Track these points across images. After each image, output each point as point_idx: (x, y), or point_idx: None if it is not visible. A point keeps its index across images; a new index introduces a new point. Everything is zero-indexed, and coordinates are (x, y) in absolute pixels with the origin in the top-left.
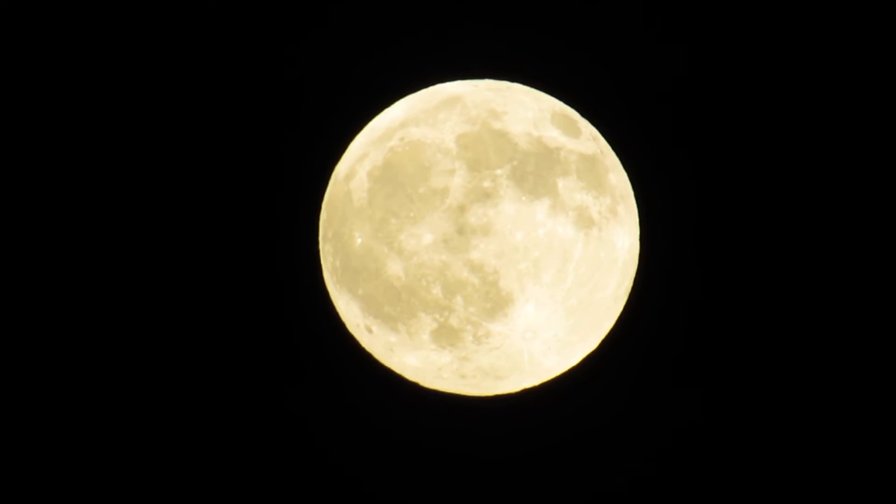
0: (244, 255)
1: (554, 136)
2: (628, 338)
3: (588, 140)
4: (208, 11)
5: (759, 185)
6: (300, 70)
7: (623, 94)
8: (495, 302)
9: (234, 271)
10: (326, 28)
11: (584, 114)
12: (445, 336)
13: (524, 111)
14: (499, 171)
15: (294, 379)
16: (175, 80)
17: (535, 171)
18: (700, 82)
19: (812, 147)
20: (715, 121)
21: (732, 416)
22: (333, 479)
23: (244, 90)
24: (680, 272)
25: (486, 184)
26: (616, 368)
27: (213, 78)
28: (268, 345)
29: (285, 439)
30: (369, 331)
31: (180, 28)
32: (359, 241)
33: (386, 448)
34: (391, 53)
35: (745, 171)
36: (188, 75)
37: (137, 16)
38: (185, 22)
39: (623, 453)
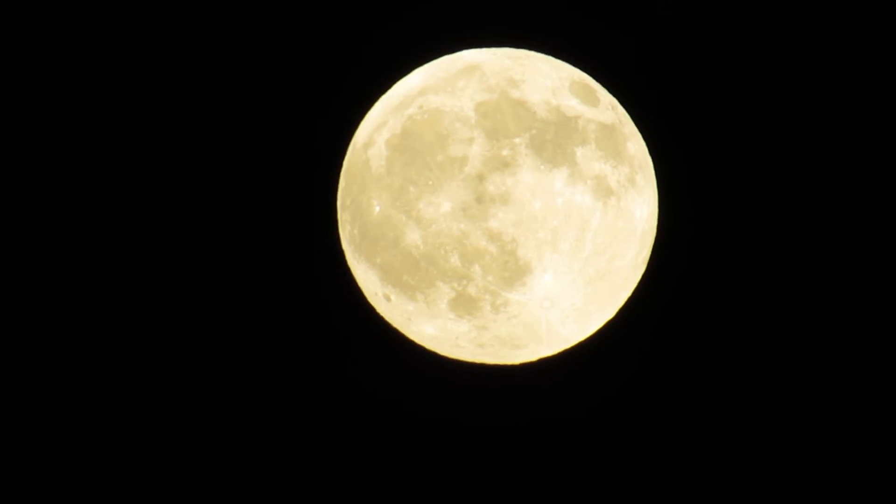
0: (263, 224)
1: (572, 104)
2: (646, 307)
3: (607, 109)
4: None
5: (778, 156)
6: (319, 39)
7: (642, 64)
8: (513, 271)
9: (253, 240)
10: None
11: (602, 83)
12: (463, 305)
13: (543, 80)
14: (517, 140)
15: (312, 347)
16: (193, 53)
17: (554, 139)
18: (720, 52)
19: (833, 118)
20: (734, 91)
21: (749, 385)
22: (350, 446)
23: (262, 60)
24: (698, 241)
25: (505, 152)
26: (634, 337)
27: (232, 49)
28: (286, 313)
29: (303, 407)
30: (387, 299)
31: (194, 7)
32: (377, 209)
33: (403, 416)
34: (409, 22)
35: (764, 141)
36: (206, 48)
37: None
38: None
39: (640, 420)
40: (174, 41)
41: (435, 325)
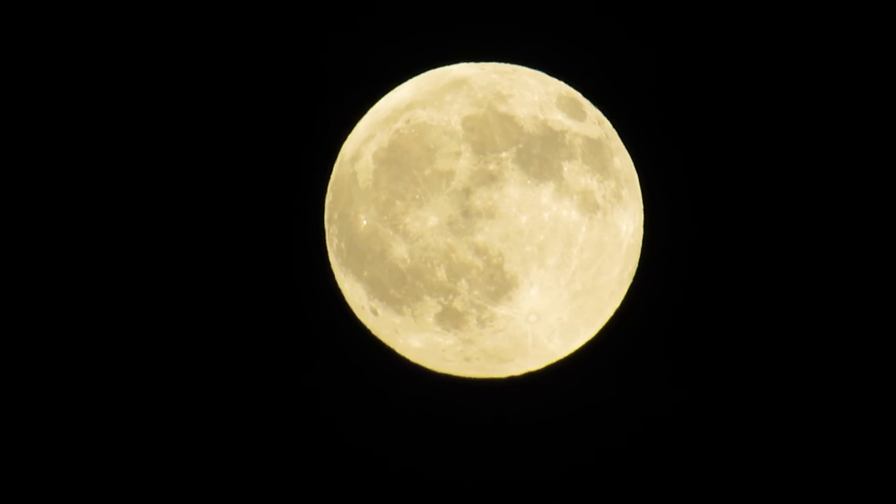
0: (250, 236)
1: (559, 119)
2: (632, 322)
3: (593, 124)
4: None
5: (765, 174)
6: (306, 53)
7: (629, 79)
8: (500, 285)
9: (240, 253)
10: (332, 10)
11: (590, 98)
12: (450, 319)
13: (530, 94)
14: (504, 154)
15: (299, 360)
16: (177, 67)
17: (541, 154)
18: (708, 70)
19: (816, 134)
20: (722, 108)
21: (732, 402)
22: (337, 459)
23: (249, 75)
24: (683, 257)
25: (492, 166)
26: (620, 352)
27: (217, 64)
28: (273, 326)
29: (289, 420)
30: (374, 313)
31: (182, 18)
32: (364, 223)
33: (389, 429)
34: (398, 35)
35: (751, 159)
36: (192, 62)
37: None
38: (187, 12)
39: (626, 434)
40: (158, 63)
41: (421, 339)
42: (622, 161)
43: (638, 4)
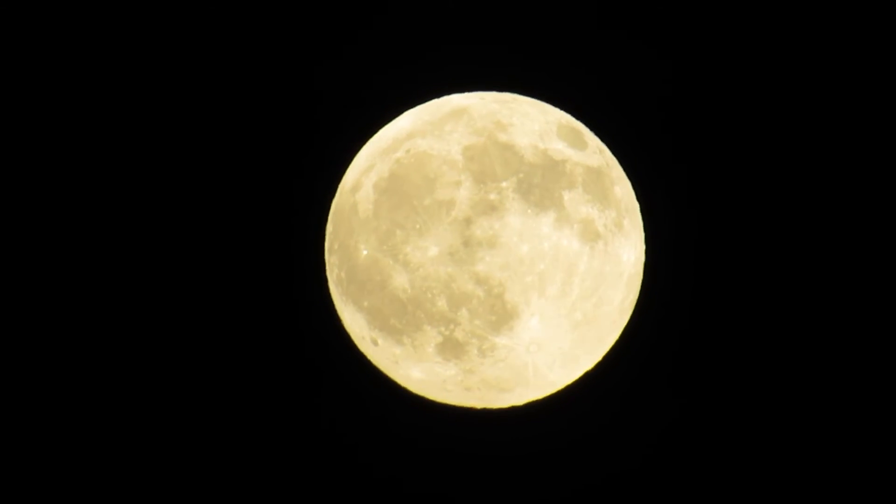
0: (250, 265)
1: (560, 148)
2: (633, 351)
3: (594, 153)
4: (217, 19)
5: (765, 202)
6: (305, 81)
7: (630, 108)
8: (500, 315)
9: (240, 282)
10: (332, 39)
11: (590, 126)
12: (451, 349)
13: (530, 123)
14: (504, 184)
15: (299, 390)
16: (182, 93)
17: (541, 183)
18: (708, 99)
19: (816, 165)
20: (722, 136)
21: (734, 429)
22: (338, 489)
23: (249, 106)
24: (685, 286)
25: (492, 196)
26: (621, 382)
27: (217, 95)
28: (273, 355)
29: (289, 450)
30: (375, 343)
31: (185, 44)
32: (364, 252)
33: (390, 459)
34: (398, 65)
35: (751, 187)
36: (196, 88)
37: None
38: (190, 33)
39: (627, 463)
40: (161, 93)
41: (422, 369)
42: (623, 190)
43: (637, 34)
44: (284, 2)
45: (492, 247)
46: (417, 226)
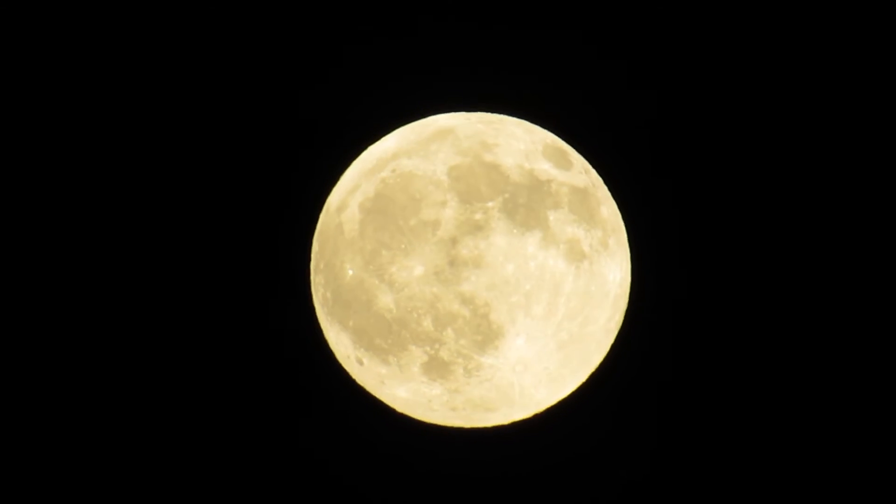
0: (236, 284)
1: (545, 168)
2: (619, 371)
3: (580, 173)
4: (205, 39)
5: (751, 222)
6: (292, 104)
7: (615, 128)
8: (486, 334)
9: (226, 302)
10: (318, 60)
11: (576, 146)
12: (436, 368)
13: (516, 143)
14: (490, 204)
15: (284, 409)
16: (169, 113)
17: (527, 203)
18: (693, 119)
19: (802, 184)
20: (708, 156)
21: (720, 448)
22: None
23: (234, 126)
24: (671, 305)
25: (478, 216)
26: (607, 402)
27: (207, 110)
28: (258, 375)
29: (274, 470)
30: (360, 363)
31: (174, 62)
32: (350, 272)
33: (375, 479)
34: (383, 85)
35: (737, 207)
36: (184, 108)
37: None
38: (178, 55)
39: (613, 484)
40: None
41: (407, 389)
42: (609, 210)
43: (623, 55)
44: (271, 22)
45: (477, 266)
46: (403, 245)
